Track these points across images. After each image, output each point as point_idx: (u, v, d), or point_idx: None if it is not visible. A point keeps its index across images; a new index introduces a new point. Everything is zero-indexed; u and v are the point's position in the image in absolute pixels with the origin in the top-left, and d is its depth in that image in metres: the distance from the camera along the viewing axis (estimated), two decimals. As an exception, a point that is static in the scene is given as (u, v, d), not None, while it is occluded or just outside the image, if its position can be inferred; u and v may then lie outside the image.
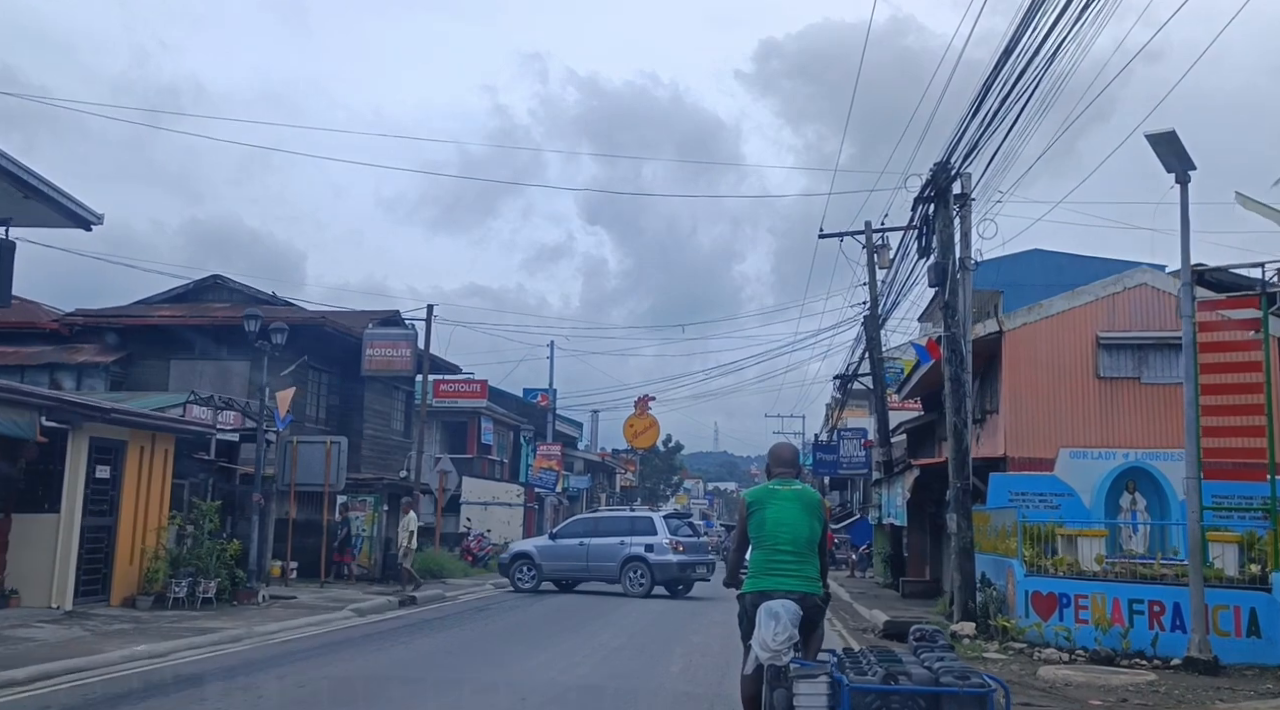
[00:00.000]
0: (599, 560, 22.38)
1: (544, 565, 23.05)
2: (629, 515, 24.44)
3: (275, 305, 26.31)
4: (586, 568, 22.71)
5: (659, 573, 21.63)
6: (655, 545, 21.92)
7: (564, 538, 23.41)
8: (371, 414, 29.08)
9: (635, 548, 21.99)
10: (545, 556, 23.24)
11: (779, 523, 5.85)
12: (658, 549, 21.86)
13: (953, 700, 4.61)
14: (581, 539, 22.97)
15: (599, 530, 23.04)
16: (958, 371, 13.90)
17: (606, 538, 22.56)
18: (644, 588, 21.53)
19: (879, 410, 26.75)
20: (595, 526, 23.45)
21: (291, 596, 16.66)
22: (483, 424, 38.37)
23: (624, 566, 21.94)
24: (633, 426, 65.76)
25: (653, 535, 22.12)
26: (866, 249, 27.20)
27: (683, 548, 22.07)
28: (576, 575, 23.11)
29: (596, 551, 22.47)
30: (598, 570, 22.51)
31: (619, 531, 22.63)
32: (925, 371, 20.51)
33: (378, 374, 24.92)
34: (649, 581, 21.59)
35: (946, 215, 14.10)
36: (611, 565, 22.13)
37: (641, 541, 22.06)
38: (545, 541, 24.03)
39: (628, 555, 21.98)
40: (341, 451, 19.62)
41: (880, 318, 26.45)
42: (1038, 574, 12.64)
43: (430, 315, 24.43)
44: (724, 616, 16.35)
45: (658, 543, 21.96)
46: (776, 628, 5.29)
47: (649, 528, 22.42)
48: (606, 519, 24.22)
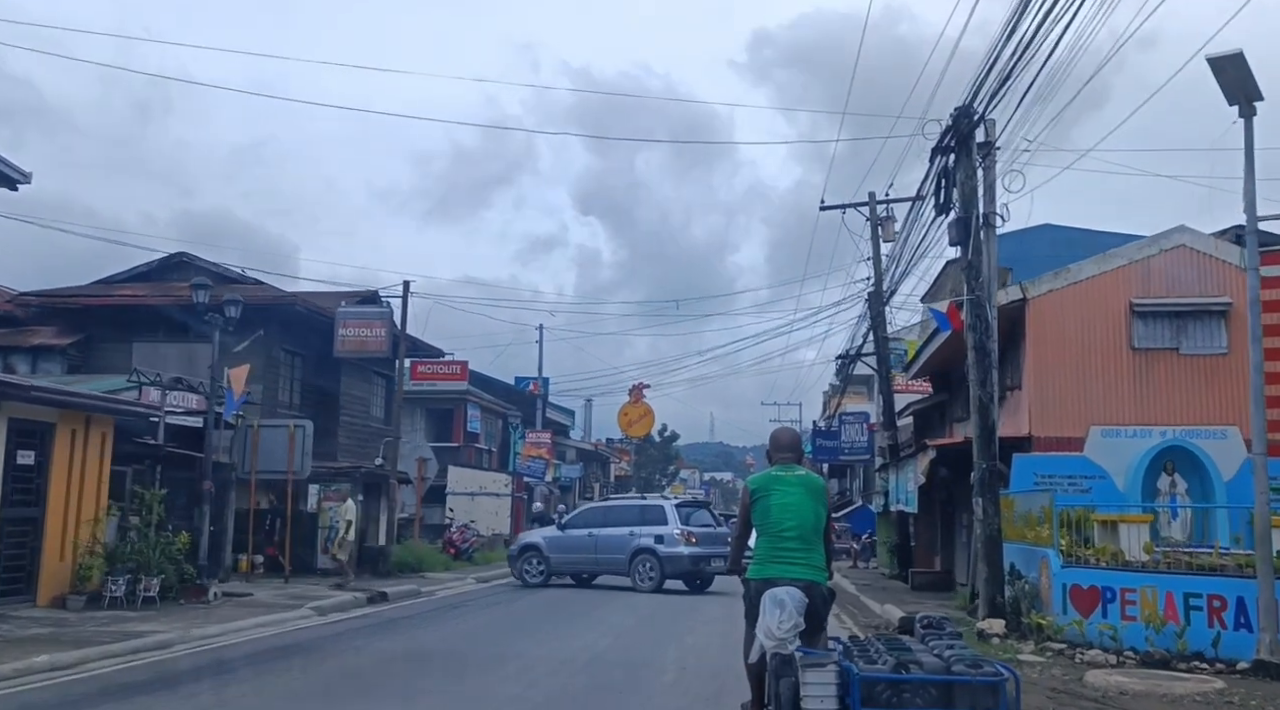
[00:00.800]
0: (608, 552, 20.78)
1: (552, 557, 21.50)
2: (639, 503, 22.49)
3: (245, 284, 24.75)
4: (595, 560, 21.15)
5: (669, 566, 19.91)
6: (665, 536, 20.20)
7: (573, 528, 21.75)
8: (349, 400, 27.55)
9: (644, 539, 20.30)
10: (554, 548, 21.65)
11: (784, 509, 5.72)
12: (668, 540, 20.15)
13: (965, 689, 4.54)
14: (590, 530, 21.30)
15: (608, 520, 21.36)
16: (982, 339, 12.43)
17: (616, 528, 20.86)
18: (653, 582, 19.85)
19: (884, 392, 25.30)
20: (605, 516, 21.77)
21: (247, 594, 15.18)
22: (469, 411, 36.86)
23: (633, 559, 20.28)
24: (627, 414, 64.33)
25: (663, 525, 20.38)
26: (870, 221, 25.78)
27: (696, 539, 20.27)
28: (586, 568, 21.56)
29: (605, 543, 20.85)
30: (607, 563, 20.95)
31: (629, 521, 20.89)
32: (937, 347, 19.03)
33: (352, 355, 23.40)
34: (659, 575, 19.90)
35: (969, 165, 12.62)
36: (620, 557, 20.51)
37: (651, 532, 20.35)
38: (554, 532, 22.29)
39: (637, 547, 20.30)
40: (306, 436, 18.12)
41: (885, 294, 25.03)
42: (1077, 565, 11.19)
43: (406, 293, 22.90)
44: (725, 612, 15.06)
45: (668, 533, 20.23)
46: (782, 616, 5.22)
47: (659, 517, 20.65)
48: (616, 508, 22.49)
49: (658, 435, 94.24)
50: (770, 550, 5.71)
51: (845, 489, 52.72)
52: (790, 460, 6.10)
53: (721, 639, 11.28)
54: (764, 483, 5.93)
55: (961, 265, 12.67)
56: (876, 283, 25.22)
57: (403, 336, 23.17)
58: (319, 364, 26.15)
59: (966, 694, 4.55)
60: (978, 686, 4.54)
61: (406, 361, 24.96)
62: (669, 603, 17.71)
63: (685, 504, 22.81)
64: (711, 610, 16.08)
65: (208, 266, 24.99)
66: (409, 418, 37.04)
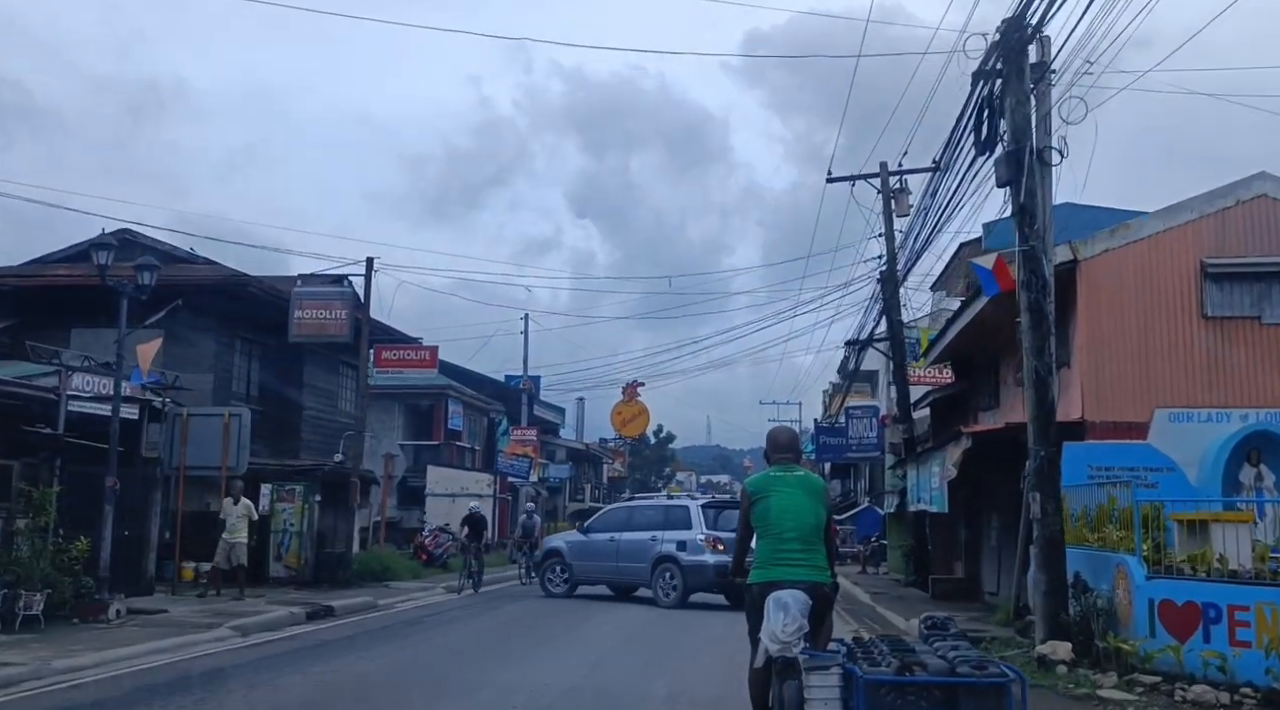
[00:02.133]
0: (629, 560, 18.36)
1: (575, 565, 19.27)
2: (664, 504, 20.00)
3: (195, 263, 22.50)
4: (617, 568, 18.76)
5: (692, 577, 17.23)
6: (689, 542, 17.54)
7: (597, 532, 19.37)
8: (313, 392, 25.27)
9: (667, 545, 17.73)
10: (576, 555, 19.37)
11: (783, 510, 5.65)
12: (691, 547, 17.47)
13: (970, 691, 4.51)
14: (613, 534, 18.91)
15: (632, 523, 18.97)
16: (1039, 299, 10.16)
17: (638, 532, 18.43)
18: (675, 595, 17.29)
19: (898, 381, 23.04)
20: (628, 518, 19.39)
21: (160, 611, 12.88)
22: (449, 406, 34.59)
23: (655, 568, 17.77)
24: (620, 414, 61.97)
25: (686, 529, 17.75)
26: (882, 194, 23.54)
27: (724, 547, 16.64)
28: (608, 577, 19.16)
29: (627, 549, 18.43)
30: (628, 572, 18.53)
31: (652, 525, 18.40)
32: (963, 327, 16.79)
33: (309, 340, 21.10)
34: (680, 587, 17.31)
35: (1020, 88, 10.37)
36: (641, 566, 18.04)
37: (674, 537, 17.75)
38: (577, 537, 20.00)
39: (658, 554, 17.78)
40: (243, 426, 15.82)
41: (900, 273, 22.79)
42: (1166, 575, 8.95)
43: (369, 271, 20.60)
44: (728, 630, 12.58)
45: (691, 539, 17.54)
46: (786, 619, 5.12)
47: (683, 520, 18.05)
48: (641, 509, 19.98)
49: (653, 436, 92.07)
50: (771, 553, 5.61)
51: (849, 490, 50.42)
52: (789, 460, 5.99)
53: (725, 665, 9.00)
54: (762, 484, 5.84)
55: (1012, 210, 10.41)
56: (889, 261, 22.98)
57: (365, 319, 20.87)
58: (280, 354, 23.86)
59: (971, 696, 4.50)
60: (983, 688, 4.49)
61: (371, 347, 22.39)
62: (668, 619, 15.45)
63: (713, 504, 19.51)
64: (712, 627, 13.82)
65: (153, 244, 22.67)
66: (385, 414, 34.86)
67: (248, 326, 22.68)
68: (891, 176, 23.44)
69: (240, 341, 22.94)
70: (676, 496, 21.81)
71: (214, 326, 21.94)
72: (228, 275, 21.44)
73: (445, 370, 38.83)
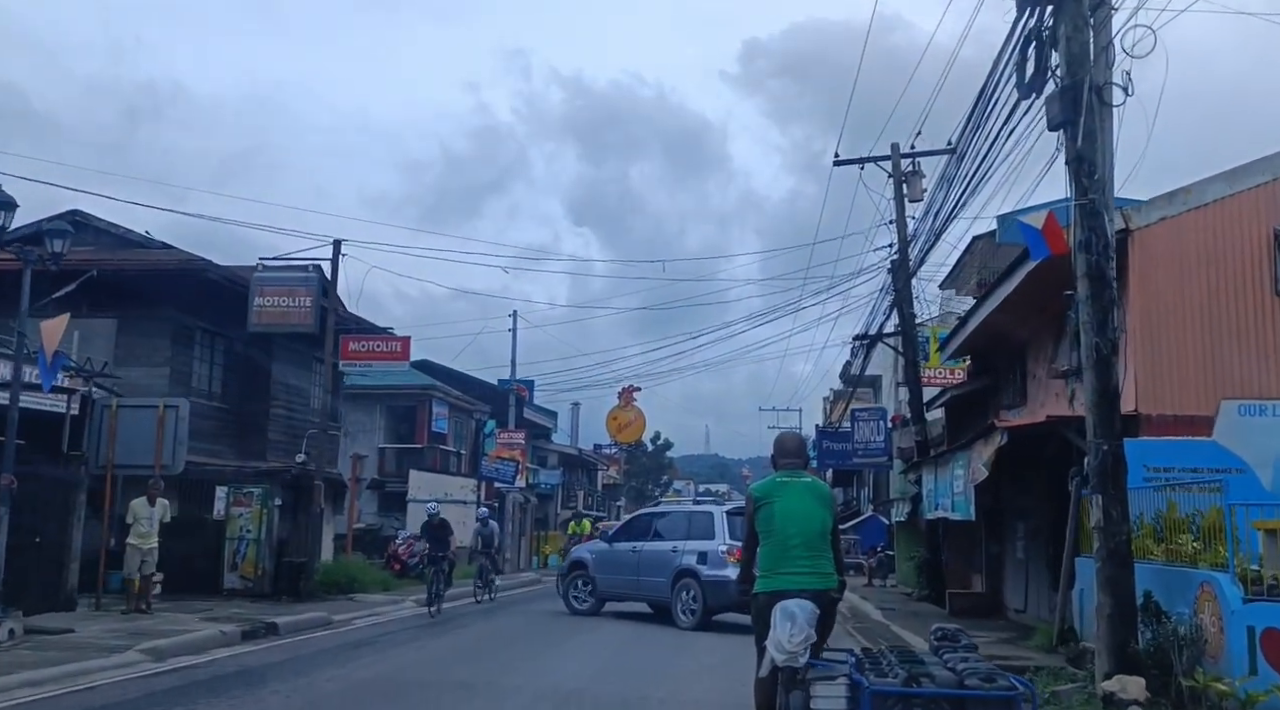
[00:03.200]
0: (650, 573, 16.31)
1: (599, 578, 17.35)
2: (688, 511, 17.93)
3: (150, 248, 20.80)
4: (638, 583, 16.71)
5: (712, 595, 14.82)
6: (710, 554, 15.27)
7: (620, 542, 17.44)
8: (283, 390, 23.52)
9: (687, 557, 15.62)
10: (600, 567, 17.43)
11: (788, 516, 5.59)
12: (712, 560, 15.18)
13: (978, 704, 4.43)
14: (635, 544, 16.94)
15: (655, 531, 17.04)
16: (1100, 262, 8.42)
17: (660, 542, 16.49)
18: (694, 616, 15.11)
19: (909, 379, 21.33)
20: (650, 527, 17.42)
21: (65, 631, 11.09)
22: (434, 408, 32.82)
23: (675, 584, 15.66)
24: (616, 419, 60.15)
25: (709, 539, 15.55)
26: (894, 178, 21.87)
27: None
28: (630, 593, 17.10)
29: (648, 561, 16.41)
30: (649, 587, 16.42)
31: (675, 534, 16.44)
32: (987, 316, 15.09)
33: (271, 329, 19.35)
34: (700, 607, 15.07)
35: (1078, 12, 8.67)
36: (661, 581, 15.92)
37: (695, 548, 15.61)
38: (601, 547, 18.05)
39: (679, 567, 15.66)
40: (180, 419, 14.04)
41: (912, 263, 21.09)
42: (1269, 597, 7.23)
43: (336, 254, 18.85)
44: (726, 654, 10.83)
45: (713, 551, 15.28)
46: (793, 629, 5.03)
47: (706, 528, 15.86)
48: (665, 516, 17.81)
49: (650, 443, 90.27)
50: (776, 560, 5.54)
51: (852, 498, 48.59)
52: (796, 466, 5.91)
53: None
54: (767, 489, 5.80)
55: (1067, 157, 8.70)
56: (901, 250, 21.29)
57: (332, 306, 19.10)
58: (246, 348, 22.16)
59: (980, 709, 4.40)
60: (992, 701, 4.40)
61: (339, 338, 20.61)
62: (660, 641, 13.70)
63: (739, 511, 16.83)
64: (708, 654, 12.08)
65: (106, 227, 21.02)
66: (366, 415, 33.11)
67: (209, 317, 20.98)
68: (904, 158, 21.82)
69: (200, 334, 21.24)
70: (703, 500, 19.83)
71: (170, 317, 20.23)
72: (183, 260, 19.73)
73: (431, 371, 37.17)
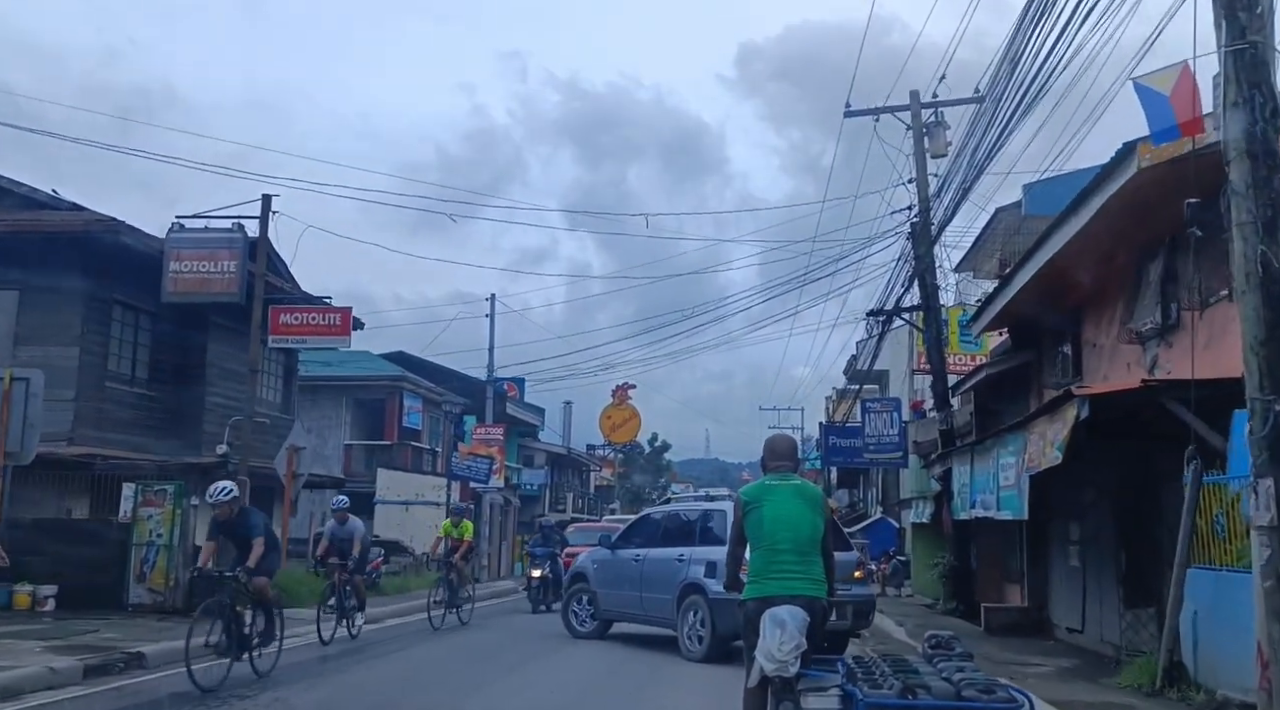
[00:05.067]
0: (653, 589, 12.74)
1: (600, 594, 13.97)
2: (698, 508, 13.58)
3: (59, 209, 18.04)
4: (641, 601, 13.08)
5: (722, 618, 10.85)
6: (720, 565, 10.09)
7: (625, 548, 13.87)
8: (221, 375, 20.74)
9: (695, 569, 11.91)
10: (601, 580, 14.02)
11: (777, 521, 5.39)
12: (722, 572, 9.52)
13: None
14: (640, 551, 13.39)
15: (661, 535, 13.44)
16: (1264, 132, 5.71)
17: (666, 549, 12.87)
18: (702, 645, 11.49)
19: (934, 359, 18.59)
20: (658, 529, 13.76)
21: None
22: (405, 401, 30.09)
23: (680, 601, 12.02)
24: (610, 418, 57.40)
25: (721, 545, 10.24)
26: (913, 130, 19.19)
27: None
28: (633, 612, 13.52)
29: (652, 574, 12.86)
30: (653, 606, 12.78)
31: (682, 538, 12.83)
32: (1035, 274, 12.37)
33: (189, 299, 16.59)
34: (708, 633, 11.41)
35: None
36: (665, 598, 12.34)
37: (705, 557, 11.79)
38: (604, 555, 14.27)
39: (685, 582, 12.01)
40: (32, 395, 11.17)
41: (935, 226, 18.36)
42: None
43: (266, 211, 16.05)
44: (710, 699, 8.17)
45: (722, 560, 8.63)
46: (783, 637, 4.90)
47: (718, 531, 11.70)
48: (674, 516, 13.97)
49: (648, 445, 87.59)
50: (765, 566, 5.34)
51: (858, 499, 45.82)
52: (787, 469, 5.68)
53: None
54: (756, 493, 5.58)
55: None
56: (922, 212, 18.57)
57: (260, 271, 16.31)
58: (177, 326, 19.45)
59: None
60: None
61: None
62: (619, 676, 10.97)
63: None
64: (690, 697, 9.34)
65: (9, 187, 18.24)
66: (332, 409, 30.37)
67: (129, 290, 18.25)
68: (924, 108, 19.12)
69: (121, 309, 18.50)
70: (715, 496, 15.09)
71: (82, 288, 17.52)
72: (91, 220, 16.99)
73: (408, 364, 34.42)
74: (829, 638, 8.29)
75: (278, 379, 23.90)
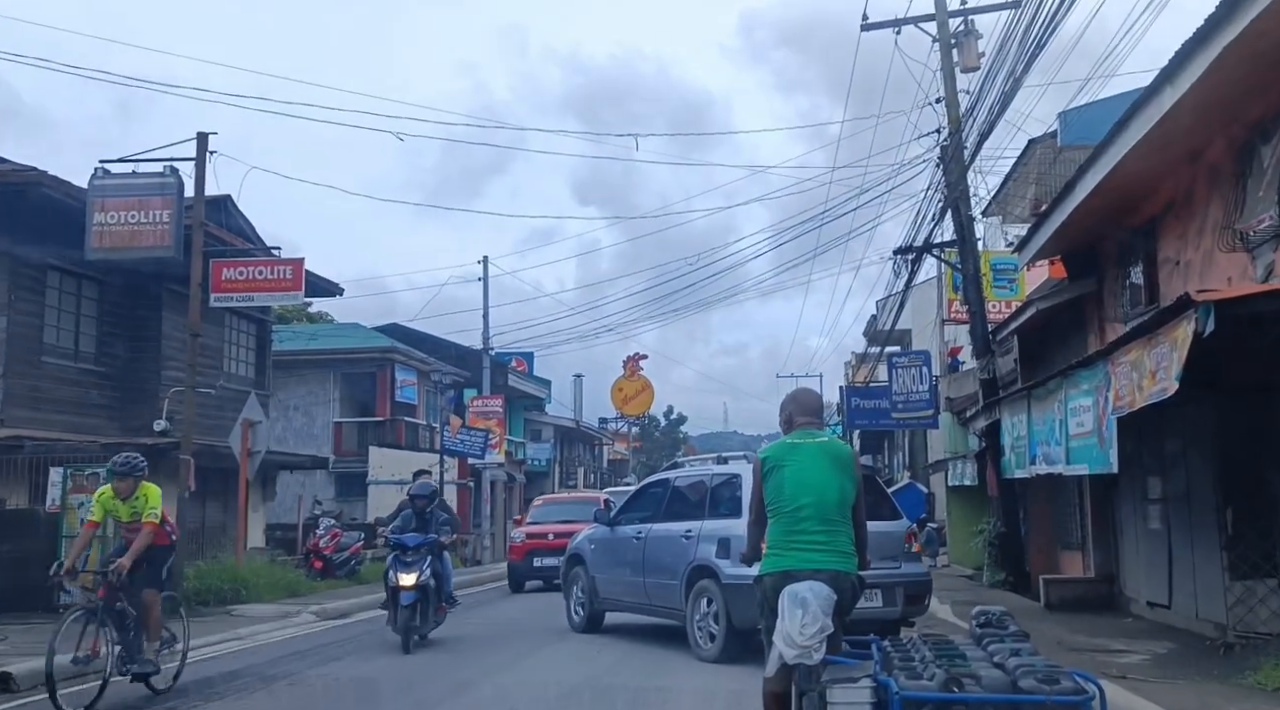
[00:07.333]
0: (656, 573, 10.45)
1: (598, 579, 11.68)
2: (707, 472, 10.71)
3: (-20, 165, 16.02)
4: (644, 587, 10.74)
5: (737, 607, 8.74)
6: (734, 541, 8.60)
7: (625, 524, 11.50)
8: (179, 348, 18.73)
9: (705, 547, 9.60)
10: (599, 564, 11.74)
11: (800, 484, 4.76)
12: (736, 549, 7.98)
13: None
14: (642, 527, 11.04)
15: (666, 506, 11.01)
16: None
17: (671, 523, 10.54)
18: (715, 641, 9.25)
19: (971, 298, 16.39)
20: (661, 500, 11.23)
21: None
22: (396, 374, 28.11)
23: (688, 588, 9.72)
24: (622, 390, 55.47)
25: (736, 518, 8.86)
26: (940, 43, 16.91)
27: None
28: (634, 601, 11.18)
29: (655, 554, 10.57)
30: (656, 593, 10.50)
31: (689, 510, 10.45)
32: (1097, 185, 10.18)
33: (116, 255, 14.51)
34: (722, 626, 9.14)
35: None
36: (672, 584, 10.04)
37: (716, 532, 9.50)
38: (603, 533, 11.91)
39: (693, 563, 9.69)
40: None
41: (967, 151, 16.13)
42: None
43: (203, 152, 13.94)
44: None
45: (739, 535, 7.40)
46: (805, 618, 4.28)
47: (731, 501, 9.64)
48: (680, 484, 11.20)
49: (663, 418, 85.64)
50: (785, 536, 4.72)
51: (883, 464, 43.68)
52: (813, 426, 5.09)
53: None
54: (778, 453, 4.92)
55: None
56: (953, 133, 16.32)
57: (198, 220, 14.15)
58: (124, 294, 17.54)
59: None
60: (1054, 708, 3.39)
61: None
62: (624, 674, 8.97)
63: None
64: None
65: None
66: (319, 384, 28.46)
67: (68, 254, 16.24)
68: (952, 17, 16.85)
69: (58, 275, 16.55)
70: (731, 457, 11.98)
71: (5, 251, 15.57)
72: (7, 171, 14.96)
73: (406, 337, 32.58)
74: (876, 628, 6.16)
75: (248, 350, 21.98)
